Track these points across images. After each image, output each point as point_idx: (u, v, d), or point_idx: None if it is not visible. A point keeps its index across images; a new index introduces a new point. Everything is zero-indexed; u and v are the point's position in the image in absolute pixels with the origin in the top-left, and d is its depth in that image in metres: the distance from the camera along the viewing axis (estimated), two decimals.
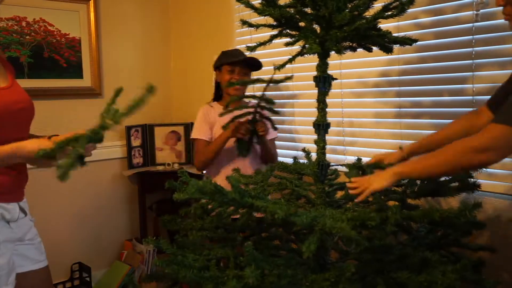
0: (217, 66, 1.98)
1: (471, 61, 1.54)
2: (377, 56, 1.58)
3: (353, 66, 1.94)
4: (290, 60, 1.23)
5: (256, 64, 1.95)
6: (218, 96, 2.04)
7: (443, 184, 1.26)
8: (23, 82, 2.50)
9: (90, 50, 2.70)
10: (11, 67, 1.39)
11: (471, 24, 1.53)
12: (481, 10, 1.50)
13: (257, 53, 2.35)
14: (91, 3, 2.68)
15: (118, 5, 2.82)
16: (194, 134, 1.99)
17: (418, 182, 1.25)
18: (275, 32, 1.28)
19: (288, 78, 1.42)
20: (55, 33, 2.57)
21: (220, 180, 1.69)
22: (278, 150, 2.35)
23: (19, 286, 1.30)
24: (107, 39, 2.77)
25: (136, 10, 2.92)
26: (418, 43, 1.36)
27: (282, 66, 1.25)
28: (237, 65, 1.91)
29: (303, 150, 1.72)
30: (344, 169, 1.36)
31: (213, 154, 1.88)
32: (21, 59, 2.46)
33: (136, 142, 2.83)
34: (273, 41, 1.28)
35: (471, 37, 1.53)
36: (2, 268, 1.21)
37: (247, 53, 2.15)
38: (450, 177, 1.26)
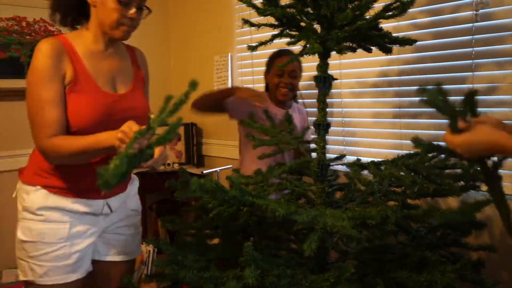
0: (267, 67, 1.93)
1: (471, 61, 1.54)
2: (377, 56, 1.59)
3: (352, 66, 1.94)
4: (292, 60, 1.23)
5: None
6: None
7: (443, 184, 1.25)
8: (23, 82, 2.50)
9: None
10: (140, 73, 1.37)
11: (471, 24, 1.53)
12: (481, 10, 1.50)
13: (257, 53, 2.36)
14: None
15: None
16: None
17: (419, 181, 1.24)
18: (276, 32, 1.28)
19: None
20: (55, 33, 2.57)
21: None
22: None
23: (99, 273, 1.35)
24: None
25: None
26: (418, 43, 1.36)
27: (283, 65, 1.25)
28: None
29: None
30: (344, 168, 1.36)
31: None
32: (21, 59, 2.46)
33: None
34: (274, 41, 1.28)
35: (471, 37, 1.54)
36: (72, 257, 1.23)
37: (248, 53, 2.15)
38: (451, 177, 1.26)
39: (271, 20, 1.25)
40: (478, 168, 0.87)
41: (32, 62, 1.17)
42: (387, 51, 1.31)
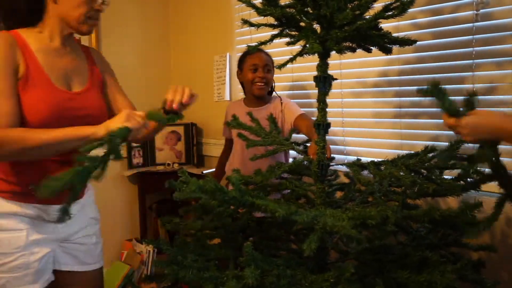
0: (239, 66, 2.00)
1: (471, 61, 1.54)
2: (377, 56, 1.59)
3: (353, 66, 1.94)
4: (291, 60, 1.23)
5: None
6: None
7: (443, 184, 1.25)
8: None
9: None
10: (97, 72, 1.35)
11: (471, 24, 1.53)
12: (482, 10, 1.50)
13: None
14: None
15: (118, 5, 2.82)
16: None
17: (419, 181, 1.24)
18: (275, 32, 1.28)
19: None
20: None
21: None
22: None
23: (62, 283, 1.30)
24: (107, 39, 2.77)
25: (136, 10, 2.92)
26: (419, 43, 1.36)
27: (283, 65, 1.25)
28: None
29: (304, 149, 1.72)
30: (344, 168, 1.36)
31: None
32: None
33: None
34: (274, 41, 1.28)
35: (471, 37, 1.53)
36: (31, 266, 1.18)
37: None
38: (452, 177, 1.26)
39: (270, 20, 1.25)
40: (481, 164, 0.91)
41: None
42: (387, 51, 1.30)
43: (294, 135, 1.76)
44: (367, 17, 1.16)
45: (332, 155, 1.44)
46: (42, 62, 1.18)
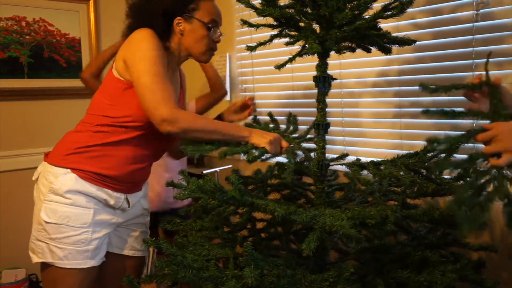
0: None
1: (471, 61, 1.54)
2: (377, 56, 1.59)
3: (352, 66, 1.94)
4: (291, 60, 1.23)
5: None
6: None
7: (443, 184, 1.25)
8: (23, 82, 2.51)
9: (90, 50, 2.70)
10: (182, 88, 1.49)
11: (471, 24, 1.53)
12: (482, 10, 1.50)
13: (257, 53, 2.36)
14: (91, 3, 2.68)
15: (118, 5, 2.82)
16: None
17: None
18: (275, 32, 1.28)
19: None
20: (55, 33, 2.57)
21: None
22: None
23: (110, 265, 1.39)
24: (107, 39, 2.77)
25: None
26: (418, 43, 1.36)
27: (282, 65, 1.25)
28: None
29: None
30: (344, 168, 1.36)
31: None
32: (21, 59, 2.46)
33: None
34: (274, 41, 1.28)
35: (471, 37, 1.53)
36: (91, 244, 1.27)
37: (248, 53, 2.14)
38: (452, 177, 1.26)
39: (270, 20, 1.25)
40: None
41: (143, 41, 1.21)
42: (387, 51, 1.30)
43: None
44: (366, 17, 1.16)
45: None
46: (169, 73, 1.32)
